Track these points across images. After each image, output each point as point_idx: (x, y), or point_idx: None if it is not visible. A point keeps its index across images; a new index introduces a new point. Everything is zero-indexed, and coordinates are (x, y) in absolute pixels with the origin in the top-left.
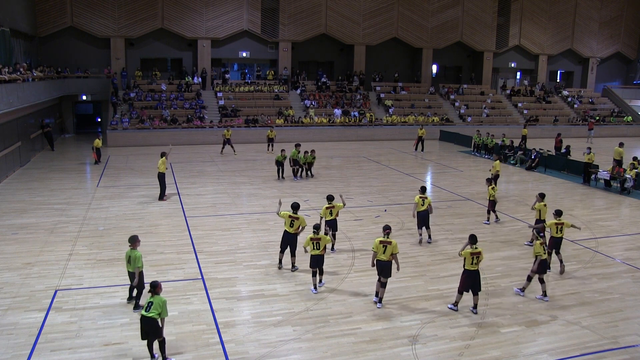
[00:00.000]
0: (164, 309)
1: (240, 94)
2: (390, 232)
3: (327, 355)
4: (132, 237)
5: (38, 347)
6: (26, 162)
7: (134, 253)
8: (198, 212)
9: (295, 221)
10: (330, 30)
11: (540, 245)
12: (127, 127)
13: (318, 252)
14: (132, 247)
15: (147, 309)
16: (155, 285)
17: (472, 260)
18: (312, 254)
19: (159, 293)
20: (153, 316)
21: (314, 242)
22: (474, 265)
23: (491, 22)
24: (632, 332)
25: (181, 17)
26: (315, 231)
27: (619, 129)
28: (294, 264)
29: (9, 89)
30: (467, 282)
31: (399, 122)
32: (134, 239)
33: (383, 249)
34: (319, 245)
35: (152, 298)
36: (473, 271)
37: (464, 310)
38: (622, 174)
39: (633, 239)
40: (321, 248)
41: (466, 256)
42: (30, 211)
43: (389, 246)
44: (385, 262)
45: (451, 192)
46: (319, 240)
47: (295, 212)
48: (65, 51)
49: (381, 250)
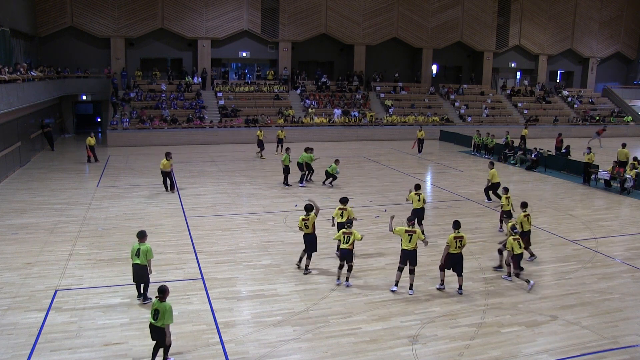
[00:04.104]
0: (168, 316)
1: (240, 94)
2: (414, 223)
3: (327, 355)
4: (140, 232)
5: (38, 347)
6: (26, 162)
7: (144, 246)
8: (198, 212)
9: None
10: (330, 30)
11: (514, 240)
12: (127, 127)
13: (347, 245)
14: (141, 241)
15: (154, 316)
16: (164, 290)
17: (455, 244)
18: (341, 248)
19: (165, 298)
20: (162, 325)
21: (345, 235)
22: (457, 249)
23: (491, 22)
24: (632, 332)
25: (181, 17)
26: (348, 225)
27: (619, 129)
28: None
29: (9, 89)
30: (448, 262)
31: (399, 122)
32: (142, 233)
33: (409, 237)
34: (349, 240)
35: (158, 304)
36: (456, 254)
37: (464, 310)
38: (622, 174)
39: (633, 239)
40: (350, 242)
41: (450, 241)
42: (30, 211)
43: (414, 235)
44: (412, 250)
45: (451, 192)
46: (350, 235)
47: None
48: (65, 51)
49: (407, 239)
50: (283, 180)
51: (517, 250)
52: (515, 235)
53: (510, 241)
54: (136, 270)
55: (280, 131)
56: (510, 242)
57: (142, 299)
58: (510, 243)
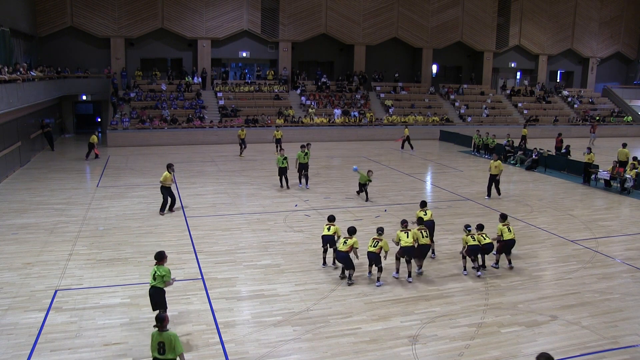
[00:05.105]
0: (178, 345)
1: (240, 94)
2: (407, 224)
3: (327, 355)
4: (158, 253)
5: (38, 347)
6: (26, 162)
7: (160, 269)
8: (198, 212)
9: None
10: (330, 30)
11: (504, 226)
12: (127, 127)
13: (374, 249)
14: (159, 263)
15: (159, 350)
16: (162, 318)
17: (421, 234)
18: (368, 251)
19: (166, 327)
20: (173, 358)
21: (374, 240)
22: (425, 239)
23: (491, 22)
24: (632, 332)
25: (181, 17)
26: (379, 232)
27: (619, 129)
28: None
29: (9, 89)
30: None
31: (399, 122)
32: (160, 255)
33: (405, 236)
34: (377, 244)
35: (160, 336)
36: (426, 245)
37: (464, 310)
38: (622, 174)
39: (633, 239)
40: (376, 248)
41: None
42: (30, 211)
43: (410, 232)
44: (410, 246)
45: (451, 192)
46: (379, 241)
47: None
48: (65, 51)
49: (404, 237)
50: (279, 182)
51: (508, 236)
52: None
53: (500, 226)
54: (151, 294)
55: (277, 131)
56: (500, 227)
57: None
58: (500, 229)
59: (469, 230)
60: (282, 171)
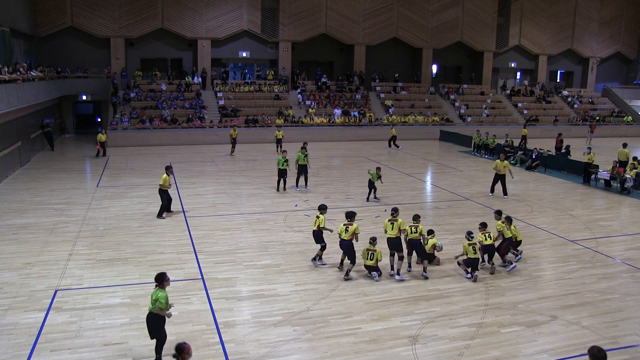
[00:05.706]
0: None
1: (240, 94)
2: (396, 214)
3: (327, 355)
4: (158, 275)
5: (38, 347)
6: (26, 162)
7: (156, 293)
8: (198, 212)
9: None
10: (330, 30)
11: (503, 223)
12: (127, 127)
13: (393, 234)
14: (158, 286)
15: None
16: (182, 348)
17: (411, 230)
18: (387, 237)
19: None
20: None
21: (369, 252)
22: (413, 234)
23: (491, 22)
24: (632, 332)
25: (181, 17)
26: (371, 242)
27: (619, 129)
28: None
29: (9, 89)
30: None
31: (399, 122)
32: (160, 277)
33: (391, 225)
34: (373, 256)
35: None
36: (416, 240)
37: (464, 310)
38: (622, 174)
39: (633, 239)
40: (373, 260)
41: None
42: (30, 211)
43: (396, 223)
44: (395, 238)
45: (451, 192)
46: (374, 252)
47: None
48: (65, 51)
49: (389, 227)
50: (277, 184)
51: (507, 234)
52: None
53: (499, 224)
54: (148, 320)
55: (278, 131)
56: (500, 224)
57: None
58: (500, 225)
59: (472, 237)
60: (282, 173)
